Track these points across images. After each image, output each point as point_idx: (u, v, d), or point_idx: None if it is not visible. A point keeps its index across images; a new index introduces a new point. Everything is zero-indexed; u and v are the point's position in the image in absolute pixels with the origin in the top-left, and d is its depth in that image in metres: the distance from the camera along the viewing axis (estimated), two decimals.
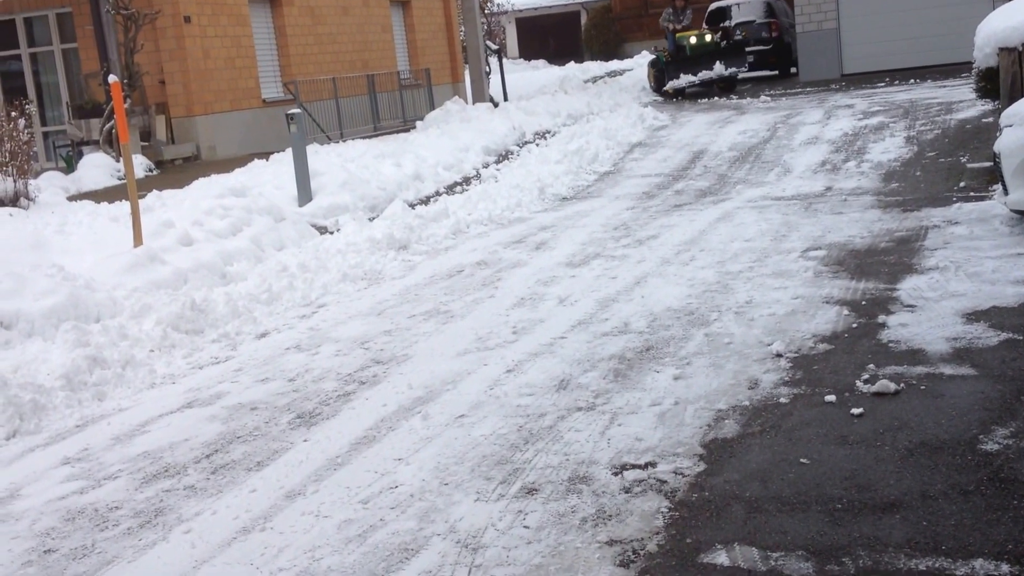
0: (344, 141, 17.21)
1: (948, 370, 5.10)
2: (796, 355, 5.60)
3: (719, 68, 20.87)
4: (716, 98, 20.68)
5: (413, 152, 14.64)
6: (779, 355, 5.62)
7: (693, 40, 21.34)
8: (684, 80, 21.14)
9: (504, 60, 27.27)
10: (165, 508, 4.46)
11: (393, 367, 6.19)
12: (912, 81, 19.13)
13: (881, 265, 7.37)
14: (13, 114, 11.79)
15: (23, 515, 4.55)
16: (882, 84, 19.32)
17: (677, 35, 21.75)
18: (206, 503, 4.46)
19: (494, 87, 25.31)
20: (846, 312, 6.30)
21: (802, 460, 4.25)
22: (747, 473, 4.20)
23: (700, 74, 21.05)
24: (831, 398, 4.90)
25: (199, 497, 4.54)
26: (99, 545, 4.17)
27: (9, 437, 5.61)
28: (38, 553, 4.16)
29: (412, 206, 11.86)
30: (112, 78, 9.50)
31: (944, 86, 17.70)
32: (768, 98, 19.47)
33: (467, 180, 13.97)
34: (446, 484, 4.39)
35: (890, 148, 12.80)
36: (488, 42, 25.59)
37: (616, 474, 4.32)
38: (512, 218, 11.23)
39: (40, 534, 4.34)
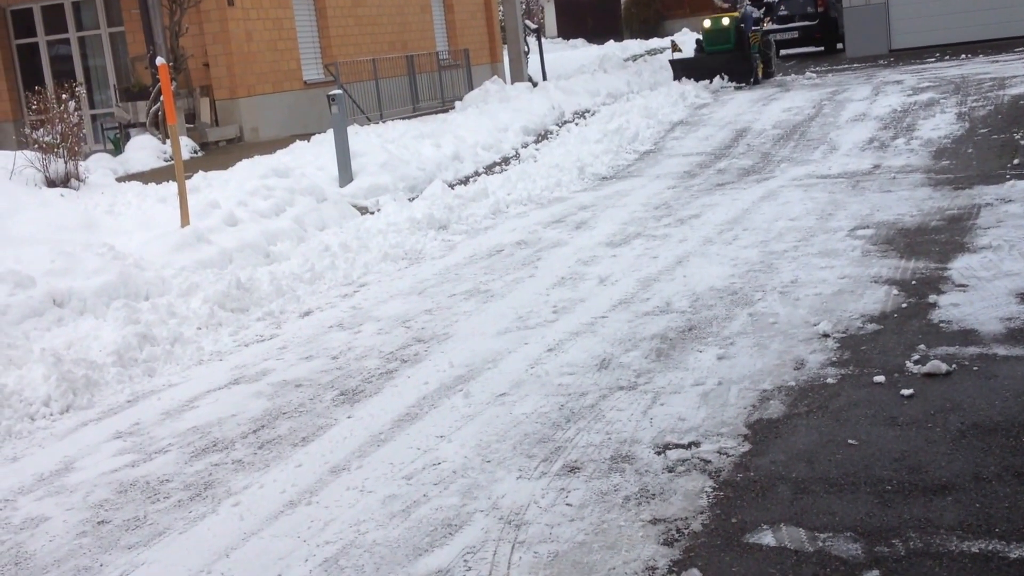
0: (384, 122, 17.24)
1: (1002, 351, 5.02)
2: (844, 335, 5.54)
3: (718, 82, 18.96)
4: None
5: (452, 133, 14.63)
6: (826, 335, 5.56)
7: (708, 24, 19.79)
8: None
9: (543, 39, 27.16)
10: (214, 481, 4.53)
11: (434, 345, 6.22)
12: (963, 56, 18.77)
13: (932, 244, 7.26)
14: (63, 96, 11.93)
15: (77, 487, 4.64)
16: (932, 59, 18.98)
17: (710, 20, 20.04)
18: (253, 477, 4.52)
19: (533, 67, 25.23)
20: (895, 292, 6.22)
21: (850, 441, 4.21)
22: (793, 454, 4.16)
23: (700, 83, 18.88)
24: (880, 379, 4.84)
25: (247, 471, 4.60)
26: (151, 517, 4.24)
27: (63, 411, 5.71)
28: (92, 524, 4.24)
29: (451, 186, 11.87)
30: (159, 60, 9.59)
31: (996, 61, 17.35)
32: (814, 74, 19.22)
33: (506, 160, 13.94)
34: (488, 461, 4.41)
35: (940, 125, 12.58)
36: (527, 21, 25.48)
37: (659, 453, 4.30)
38: (551, 198, 11.20)
39: (94, 506, 4.42)
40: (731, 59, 19.13)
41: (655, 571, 3.40)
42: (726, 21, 19.47)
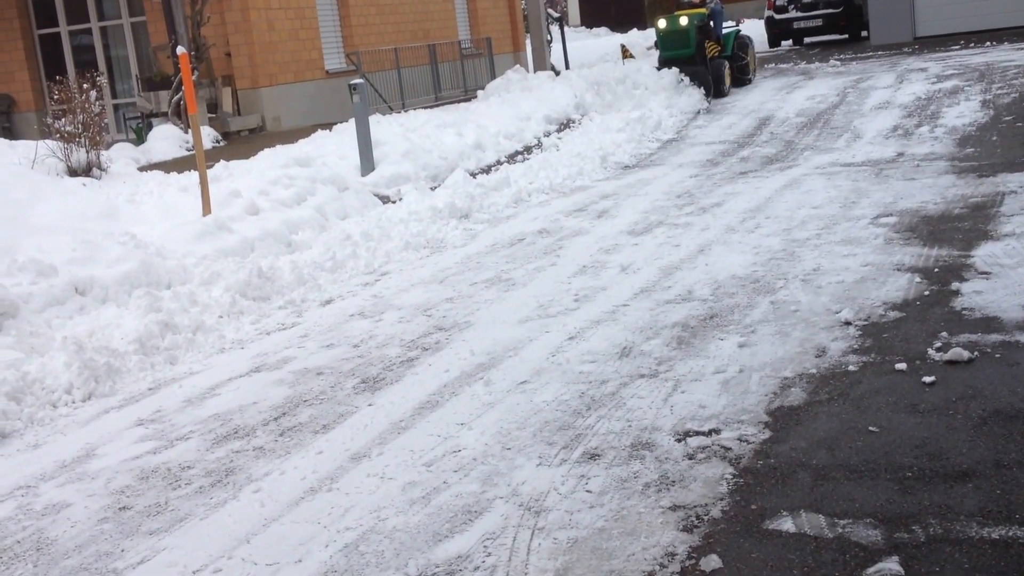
0: (406, 111, 17.24)
1: None
2: (865, 323, 5.50)
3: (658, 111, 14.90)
4: (783, 64, 20.29)
5: (474, 121, 14.61)
6: (848, 323, 5.52)
7: (663, 24, 16.81)
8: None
9: (565, 28, 27.06)
10: (235, 468, 4.56)
11: (455, 334, 6.22)
12: (988, 44, 18.56)
13: (955, 232, 7.19)
14: (85, 86, 11.99)
15: (99, 474, 4.68)
16: (956, 47, 18.78)
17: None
18: (274, 464, 4.55)
19: (555, 55, 25.14)
20: (918, 279, 6.17)
21: (871, 428, 4.19)
22: (814, 441, 4.14)
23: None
24: (902, 366, 4.81)
25: (268, 458, 4.63)
26: (172, 503, 4.27)
27: (85, 399, 5.76)
28: (114, 510, 4.27)
29: (473, 175, 11.85)
30: (180, 50, 9.62)
31: (1021, 48, 17.14)
32: (838, 62, 19.06)
33: (528, 149, 13.91)
34: (508, 449, 4.41)
35: (965, 112, 12.46)
36: (549, 10, 25.38)
37: (679, 440, 4.29)
38: (573, 187, 11.18)
39: (116, 492, 4.46)
40: (698, 69, 16.32)
41: (674, 557, 3.39)
42: (684, 21, 16.45)
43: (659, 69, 16.66)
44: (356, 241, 8.87)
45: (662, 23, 16.85)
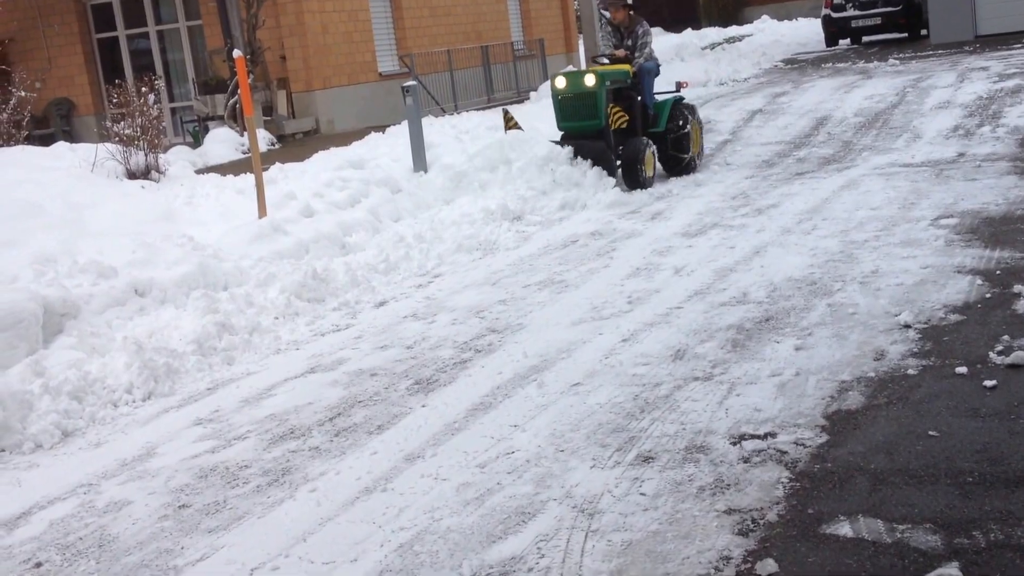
0: (458, 113, 17.31)
1: None
2: (925, 326, 5.41)
3: (590, 178, 10.67)
4: (840, 63, 20.03)
5: (526, 123, 14.60)
6: (907, 326, 5.43)
7: (561, 83, 11.08)
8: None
9: None
10: (291, 468, 4.61)
11: (508, 336, 6.23)
12: None
13: (1017, 233, 7.04)
14: (143, 90, 12.21)
15: (159, 472, 4.76)
16: (1018, 45, 18.37)
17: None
18: (330, 464, 4.59)
19: None
20: (979, 282, 6.05)
21: (931, 433, 4.11)
22: (872, 445, 4.08)
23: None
24: (962, 370, 4.72)
25: (323, 458, 4.67)
26: (230, 501, 4.33)
27: (145, 398, 5.87)
28: (173, 508, 4.35)
29: None
30: (236, 53, 9.76)
31: None
32: (896, 61, 18.75)
33: None
34: (562, 451, 4.40)
35: None
36: (603, 11, 25.32)
37: (734, 444, 4.26)
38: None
39: (175, 490, 4.53)
40: (598, 147, 10.93)
41: (730, 561, 3.37)
42: (591, 80, 10.81)
43: (562, 145, 11.07)
44: (409, 243, 8.93)
45: (560, 82, 11.11)
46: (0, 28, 18.39)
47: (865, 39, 24.67)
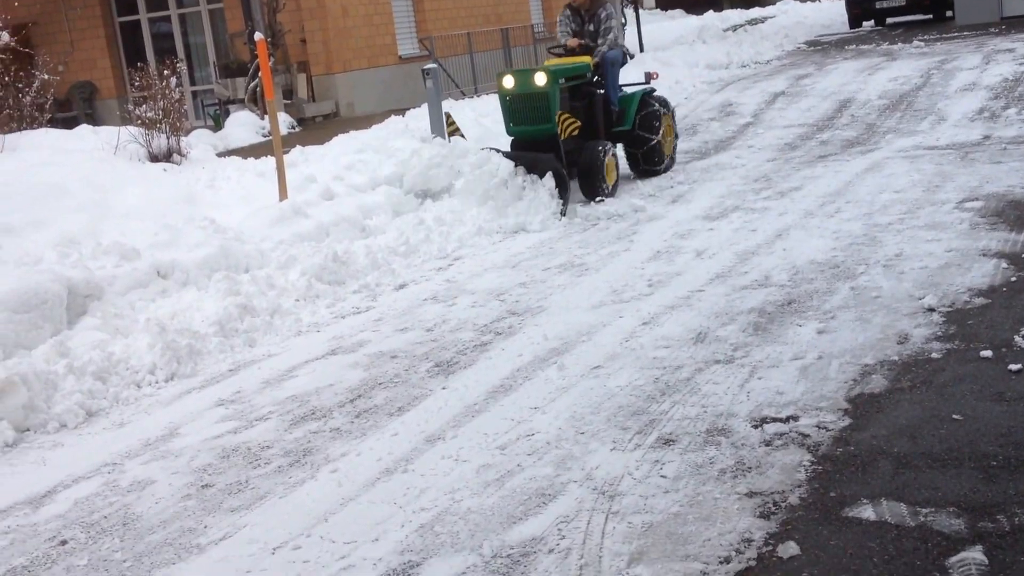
0: (478, 96, 17.27)
1: None
2: (950, 309, 5.36)
3: (541, 194, 9.11)
4: (864, 45, 19.83)
5: None
6: (931, 309, 5.39)
7: (508, 82, 9.64)
8: None
9: (640, 10, 26.80)
10: (313, 448, 4.63)
11: (528, 318, 6.22)
12: None
13: None
14: (165, 73, 12.24)
15: (182, 452, 4.80)
16: None
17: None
18: (351, 445, 4.61)
19: (630, 38, 24.92)
20: (1004, 265, 5.99)
21: (955, 416, 4.08)
22: (895, 429, 4.06)
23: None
24: (987, 353, 4.68)
25: (344, 439, 4.69)
26: (252, 481, 4.36)
27: (168, 379, 5.90)
28: (196, 487, 4.38)
29: None
30: (258, 36, 9.75)
31: None
32: (921, 43, 18.55)
33: None
34: (582, 433, 4.40)
35: None
36: None
37: (756, 427, 4.24)
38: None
39: (198, 470, 4.56)
40: (545, 159, 9.29)
41: (751, 543, 3.36)
42: (541, 79, 9.41)
43: (502, 153, 9.52)
44: (429, 226, 8.92)
45: (507, 80, 9.68)
46: (23, 11, 18.45)
47: (889, 20, 24.42)
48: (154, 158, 11.56)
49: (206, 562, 3.71)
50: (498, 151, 9.51)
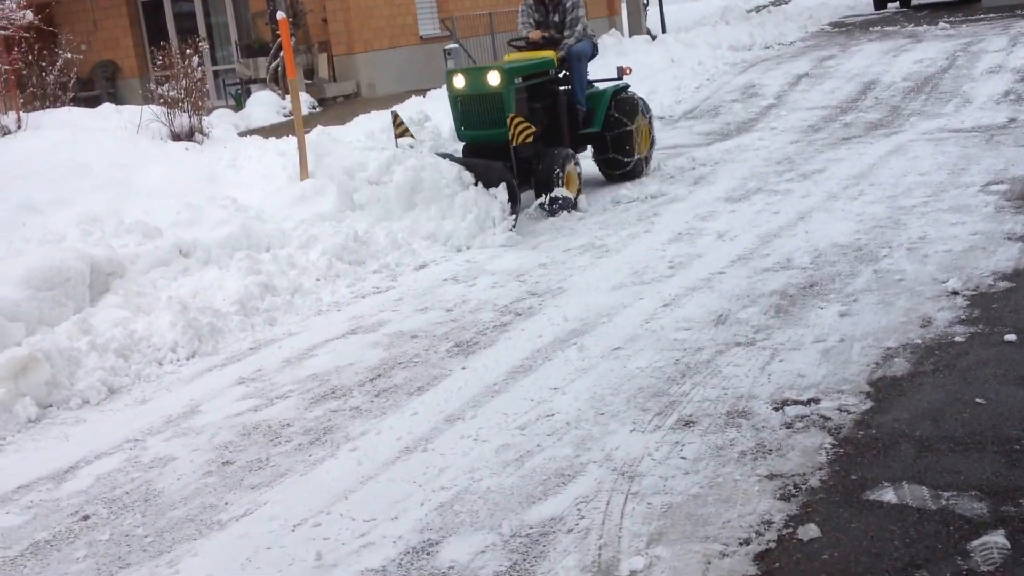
0: None
1: None
2: (974, 293, 5.32)
3: (493, 207, 8.08)
4: (888, 27, 19.62)
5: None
6: (955, 293, 5.34)
7: (459, 82, 8.76)
8: None
9: None
10: (333, 427, 4.64)
11: (548, 299, 6.21)
12: None
13: None
14: (187, 52, 12.25)
15: (203, 429, 4.83)
16: None
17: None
18: (371, 423, 4.62)
19: (652, 19, 24.76)
20: None
21: (978, 400, 4.05)
22: (917, 412, 4.03)
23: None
24: (1011, 337, 4.64)
25: (364, 418, 4.70)
26: (273, 459, 4.38)
27: (189, 357, 5.94)
28: (217, 464, 4.40)
29: None
30: (280, 15, 9.75)
31: None
32: (947, 25, 18.34)
33: None
34: (602, 414, 4.39)
35: None
36: None
37: (777, 409, 4.22)
38: (670, 152, 11.02)
39: (219, 447, 4.59)
40: (495, 168, 8.27)
41: (771, 525, 3.35)
42: (495, 78, 8.55)
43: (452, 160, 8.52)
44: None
45: (457, 80, 8.81)
46: None
47: (915, 2, 24.18)
48: (176, 137, 11.59)
49: (227, 538, 3.74)
50: (451, 156, 8.56)
